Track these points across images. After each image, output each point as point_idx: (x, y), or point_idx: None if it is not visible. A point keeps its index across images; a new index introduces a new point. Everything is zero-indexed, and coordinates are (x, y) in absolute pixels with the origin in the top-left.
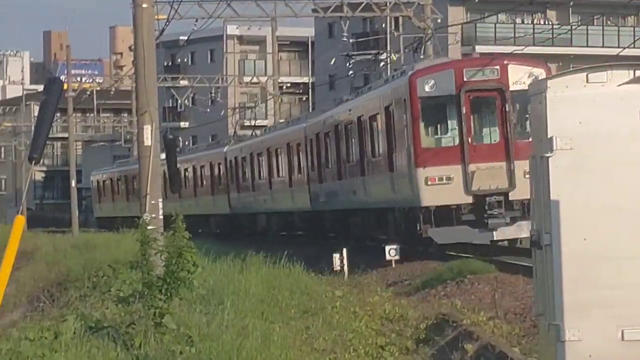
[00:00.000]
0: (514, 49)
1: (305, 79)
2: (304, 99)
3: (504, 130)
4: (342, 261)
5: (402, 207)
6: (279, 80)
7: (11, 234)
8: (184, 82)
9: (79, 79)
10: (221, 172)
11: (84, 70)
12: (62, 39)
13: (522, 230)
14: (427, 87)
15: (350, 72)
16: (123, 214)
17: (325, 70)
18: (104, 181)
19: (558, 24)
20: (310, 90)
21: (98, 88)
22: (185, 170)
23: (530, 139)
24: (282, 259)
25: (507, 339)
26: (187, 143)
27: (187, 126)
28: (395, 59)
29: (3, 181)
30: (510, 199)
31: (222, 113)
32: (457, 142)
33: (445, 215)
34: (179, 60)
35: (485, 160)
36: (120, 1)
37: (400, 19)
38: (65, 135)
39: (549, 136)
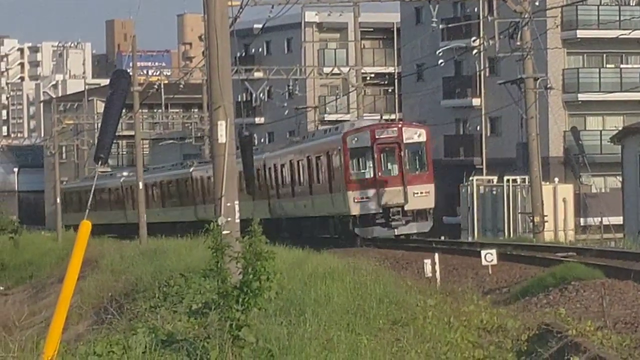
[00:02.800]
0: (619, 33)
1: (390, 69)
2: (389, 90)
3: (400, 167)
4: (433, 267)
5: (338, 215)
6: (362, 71)
7: (76, 240)
8: (258, 74)
9: (145, 72)
10: (187, 189)
11: (150, 62)
12: (127, 29)
13: (412, 228)
14: (353, 142)
15: (440, 61)
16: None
17: (413, 59)
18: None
19: None
20: (396, 81)
21: (166, 81)
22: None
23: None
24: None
25: (618, 350)
26: (262, 140)
27: (262, 122)
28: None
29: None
30: (405, 209)
31: (301, 107)
32: (372, 175)
33: (366, 220)
34: (253, 50)
35: (389, 186)
36: None
37: (495, 2)
38: (131, 133)
39: None
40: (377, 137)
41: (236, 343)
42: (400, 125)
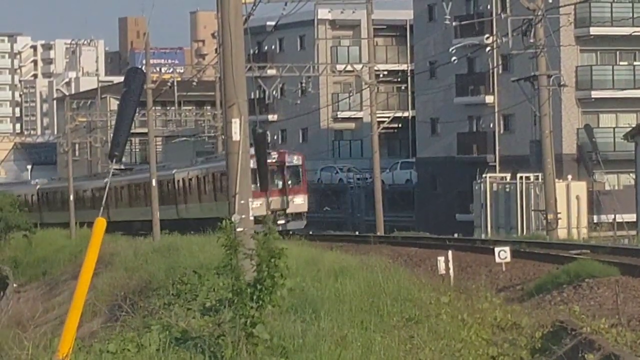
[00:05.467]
0: (632, 30)
1: (403, 66)
2: (402, 88)
3: (283, 182)
4: (447, 264)
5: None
6: (375, 68)
7: (91, 238)
8: (271, 72)
9: (158, 69)
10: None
11: (163, 59)
12: (140, 26)
13: (291, 226)
14: (251, 164)
15: (453, 58)
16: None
17: (426, 56)
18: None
19: None
20: (409, 78)
21: (179, 79)
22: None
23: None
24: None
25: (632, 348)
26: (275, 138)
27: (275, 119)
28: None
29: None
30: (286, 212)
31: (314, 105)
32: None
33: (258, 220)
34: (266, 47)
35: (275, 195)
36: None
37: (508, 0)
38: (144, 130)
39: None
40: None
41: (250, 340)
42: (282, 152)
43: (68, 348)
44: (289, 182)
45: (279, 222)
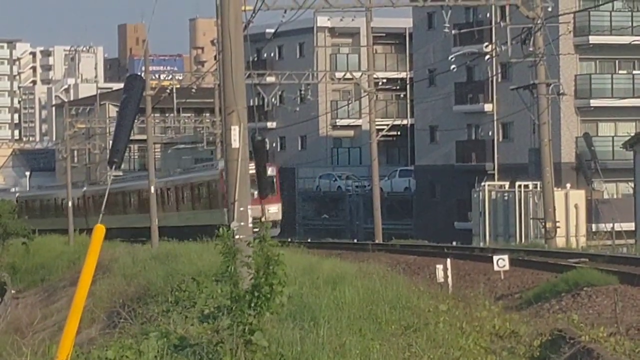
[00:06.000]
0: (631, 39)
1: (402, 74)
2: (401, 96)
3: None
4: (445, 272)
5: (216, 225)
6: (374, 76)
7: (90, 244)
8: (270, 79)
9: (157, 76)
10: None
11: (162, 66)
12: (139, 33)
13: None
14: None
15: (452, 66)
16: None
17: (425, 64)
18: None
19: None
20: (408, 86)
21: (178, 86)
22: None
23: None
24: None
25: (631, 357)
26: (274, 145)
27: (274, 127)
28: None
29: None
30: (262, 220)
31: (313, 112)
32: None
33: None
34: (265, 55)
35: (252, 204)
36: None
37: (507, 8)
38: (143, 137)
39: None
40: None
41: (249, 347)
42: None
43: (67, 354)
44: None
45: (254, 230)
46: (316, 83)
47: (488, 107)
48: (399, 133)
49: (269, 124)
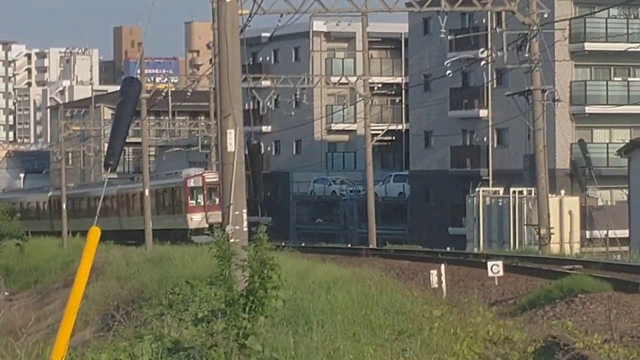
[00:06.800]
0: (627, 46)
1: (398, 79)
2: (396, 101)
3: (220, 199)
4: (440, 278)
5: (179, 228)
6: (370, 81)
7: (85, 247)
8: (266, 83)
9: (152, 79)
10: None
11: (157, 69)
12: (134, 36)
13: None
14: (191, 182)
15: (448, 71)
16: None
17: (420, 69)
18: None
19: None
20: (403, 91)
21: (173, 89)
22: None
23: None
24: None
25: None
26: (269, 149)
27: (269, 130)
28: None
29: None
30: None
31: (308, 116)
32: (202, 203)
33: (198, 231)
34: (261, 59)
35: (213, 210)
36: None
37: (503, 14)
38: (138, 140)
39: None
40: (206, 180)
41: (243, 351)
42: (219, 173)
43: (61, 357)
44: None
45: (205, 233)
46: (311, 87)
47: (483, 112)
48: (393, 138)
49: (264, 128)
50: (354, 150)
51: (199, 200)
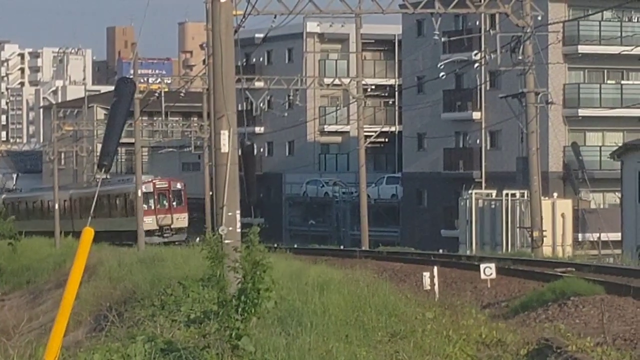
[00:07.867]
0: (620, 49)
1: (391, 81)
2: (390, 102)
3: (169, 203)
4: (432, 280)
5: (133, 230)
6: (363, 82)
7: (79, 248)
8: (259, 84)
9: (145, 79)
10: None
11: (150, 70)
12: (127, 36)
13: (174, 238)
14: (143, 188)
15: (442, 73)
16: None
17: (414, 71)
18: None
19: None
20: (396, 93)
21: (166, 89)
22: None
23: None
24: None
25: None
26: (262, 150)
27: (262, 132)
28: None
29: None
30: (171, 227)
31: (301, 118)
32: (153, 207)
33: (150, 232)
34: (254, 59)
35: (162, 214)
36: None
37: (497, 16)
38: (131, 140)
39: None
40: (156, 186)
41: (235, 352)
42: (168, 180)
43: (54, 357)
44: (174, 203)
45: (164, 235)
46: (305, 88)
47: (476, 115)
48: (386, 140)
49: (257, 129)
50: (347, 152)
51: (150, 205)
